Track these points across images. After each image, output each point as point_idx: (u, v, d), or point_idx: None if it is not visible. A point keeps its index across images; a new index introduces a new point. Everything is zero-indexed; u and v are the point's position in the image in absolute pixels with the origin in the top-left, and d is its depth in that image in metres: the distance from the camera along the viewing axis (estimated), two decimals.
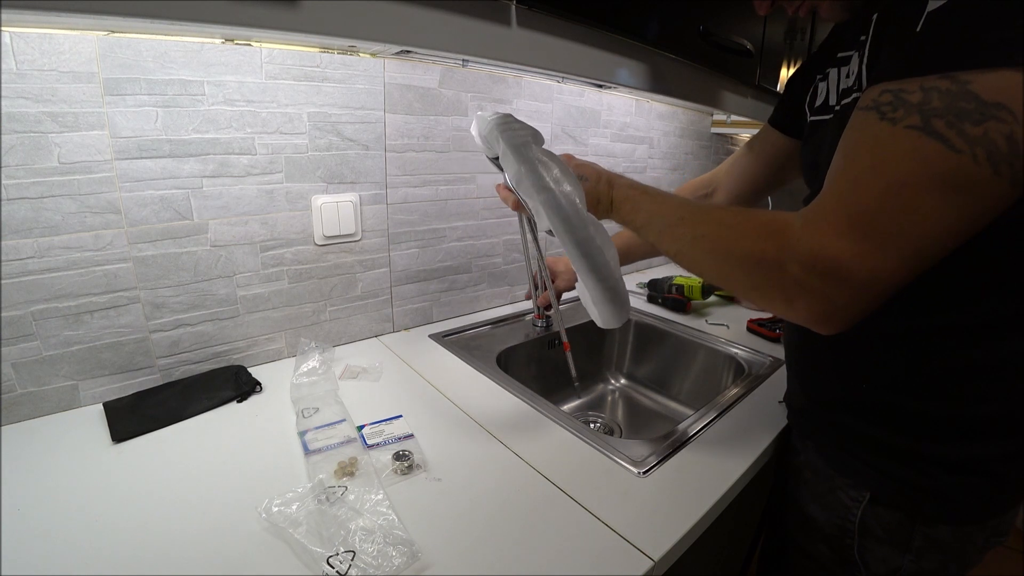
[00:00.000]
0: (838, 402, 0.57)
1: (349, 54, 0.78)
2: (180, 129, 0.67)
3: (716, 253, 0.45)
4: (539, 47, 0.62)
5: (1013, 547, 1.59)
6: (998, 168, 0.32)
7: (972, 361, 0.47)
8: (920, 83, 0.33)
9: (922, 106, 0.33)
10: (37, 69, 0.56)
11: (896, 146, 0.34)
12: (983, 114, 0.31)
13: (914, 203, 0.34)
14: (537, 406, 0.74)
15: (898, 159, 0.34)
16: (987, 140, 0.31)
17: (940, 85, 0.32)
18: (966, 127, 0.31)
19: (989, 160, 0.32)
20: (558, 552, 0.48)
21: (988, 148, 0.31)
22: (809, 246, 0.37)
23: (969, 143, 0.32)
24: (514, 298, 1.20)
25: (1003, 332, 0.45)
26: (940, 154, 0.32)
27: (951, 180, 0.33)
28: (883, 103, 0.35)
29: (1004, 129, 0.31)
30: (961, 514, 0.51)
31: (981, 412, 0.48)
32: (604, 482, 0.59)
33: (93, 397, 0.68)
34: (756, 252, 0.41)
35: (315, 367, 0.77)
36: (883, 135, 0.35)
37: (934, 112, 0.32)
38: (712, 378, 1.02)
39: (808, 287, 0.38)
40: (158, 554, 0.46)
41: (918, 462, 0.51)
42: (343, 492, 0.53)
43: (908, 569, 0.54)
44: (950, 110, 0.32)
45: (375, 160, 0.86)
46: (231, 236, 0.74)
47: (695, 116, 1.58)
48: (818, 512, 0.60)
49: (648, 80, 0.79)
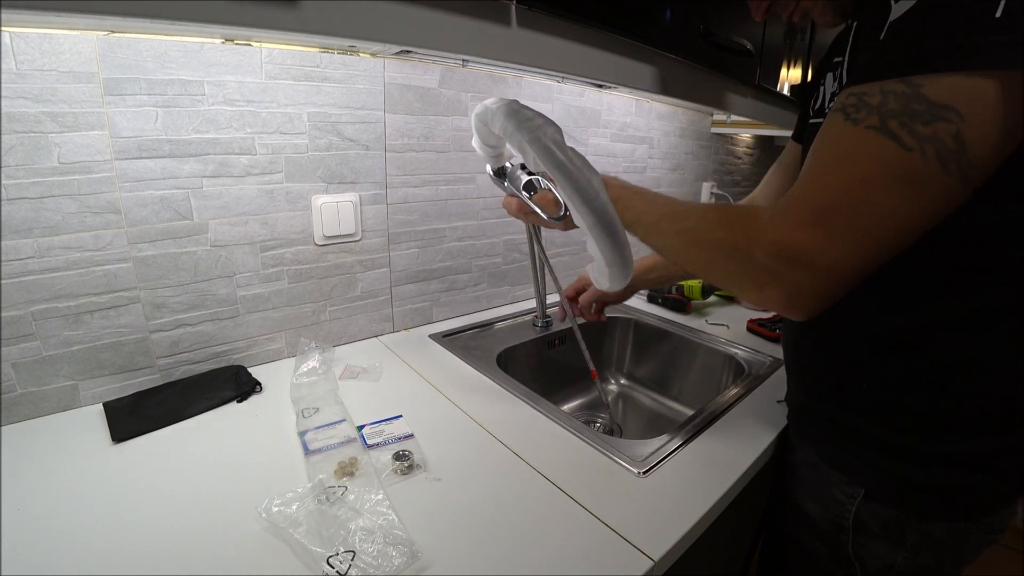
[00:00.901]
0: (833, 398, 0.57)
1: (349, 54, 0.79)
2: (180, 129, 0.67)
3: (695, 244, 0.48)
4: (539, 47, 0.62)
5: (1013, 547, 1.59)
6: (946, 165, 0.34)
7: (962, 357, 0.47)
8: (880, 87, 0.36)
9: (880, 108, 0.36)
10: (37, 69, 0.56)
11: (856, 144, 0.37)
12: (933, 115, 0.34)
13: (871, 196, 0.37)
14: (537, 406, 0.74)
15: (858, 156, 0.37)
16: (936, 139, 0.34)
17: (896, 88, 0.35)
18: (917, 127, 0.34)
19: (937, 157, 0.34)
20: (558, 552, 0.49)
21: (937, 146, 0.34)
22: (774, 235, 0.40)
23: (919, 141, 0.34)
24: (514, 298, 1.20)
25: (993, 327, 0.45)
26: (894, 152, 0.35)
27: (903, 176, 0.35)
28: (848, 105, 0.38)
29: (951, 129, 0.34)
30: (956, 511, 0.52)
31: (973, 407, 0.48)
32: (604, 482, 0.59)
33: (93, 397, 0.68)
34: (729, 241, 0.44)
35: (315, 367, 0.77)
36: (846, 134, 0.38)
37: (890, 113, 0.35)
38: (712, 378, 1.02)
39: (775, 274, 0.41)
40: (158, 554, 0.46)
41: (912, 458, 0.51)
42: (343, 492, 0.53)
43: (903, 565, 0.54)
44: (904, 111, 0.35)
45: (375, 160, 0.86)
46: (231, 236, 0.74)
47: (695, 116, 1.58)
48: (814, 509, 0.61)
49: (648, 80, 0.79)
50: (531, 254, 0.81)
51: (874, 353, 0.52)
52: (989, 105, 0.33)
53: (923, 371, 0.49)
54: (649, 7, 0.74)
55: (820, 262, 0.39)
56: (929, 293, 0.47)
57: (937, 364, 0.48)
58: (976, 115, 0.33)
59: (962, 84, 0.33)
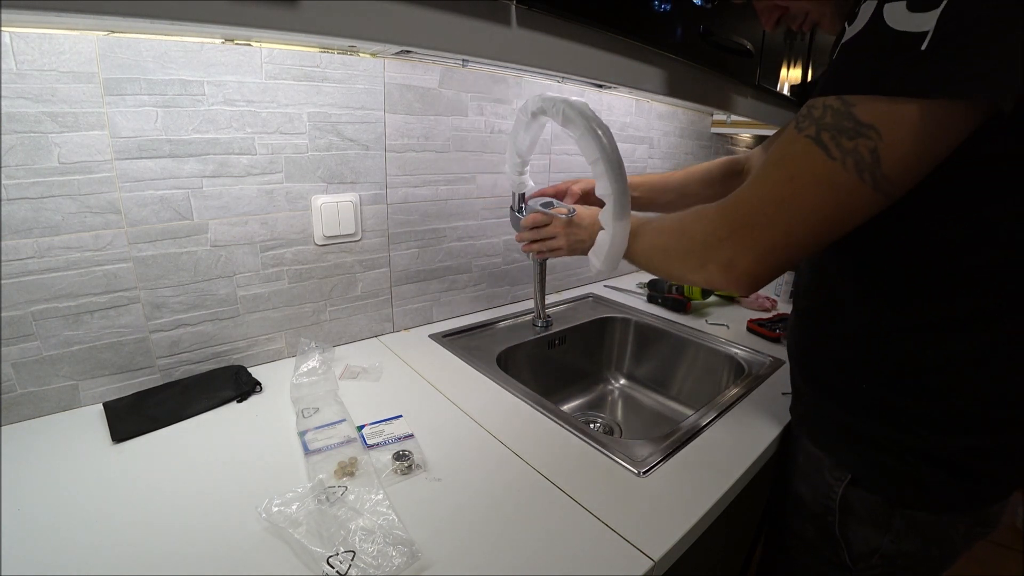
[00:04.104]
0: (825, 389, 0.60)
1: (349, 54, 0.79)
2: (180, 129, 0.67)
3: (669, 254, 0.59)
4: (539, 47, 0.62)
5: (1013, 547, 1.59)
6: (862, 175, 0.40)
7: (938, 358, 0.49)
8: (823, 101, 0.41)
9: (819, 120, 0.41)
10: (37, 69, 0.56)
11: (795, 150, 0.43)
12: (857, 132, 0.39)
13: (798, 193, 0.43)
14: (537, 406, 0.74)
15: (794, 159, 0.43)
16: (856, 152, 0.39)
17: (834, 105, 0.40)
18: (843, 141, 0.40)
19: (856, 168, 0.40)
20: (558, 552, 0.49)
21: (856, 158, 0.40)
22: (712, 229, 0.50)
23: (843, 153, 0.40)
24: (514, 298, 1.20)
25: (967, 331, 0.48)
26: (820, 159, 0.41)
27: (826, 180, 0.41)
28: (800, 115, 0.44)
29: (871, 144, 0.39)
30: (938, 503, 0.54)
31: (947, 407, 0.50)
32: (604, 482, 0.59)
33: (93, 397, 0.68)
34: (681, 247, 0.55)
35: (315, 367, 0.77)
36: (790, 140, 0.44)
37: (824, 126, 0.41)
38: (712, 378, 1.02)
39: (711, 269, 0.51)
40: (158, 554, 0.46)
41: (892, 449, 0.54)
42: (343, 492, 0.53)
43: (888, 549, 0.56)
44: (835, 126, 0.40)
45: (375, 160, 0.86)
46: (231, 236, 0.74)
47: (695, 116, 1.58)
48: (805, 491, 0.64)
49: (648, 80, 0.79)
50: (535, 283, 0.95)
51: (859, 350, 0.55)
52: (906, 127, 0.38)
53: (903, 370, 0.52)
54: (649, 7, 0.74)
55: (736, 268, 0.49)
56: (908, 298, 0.50)
57: (915, 364, 0.51)
58: (894, 135, 0.38)
59: (885, 107, 0.38)
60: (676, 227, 0.58)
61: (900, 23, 0.36)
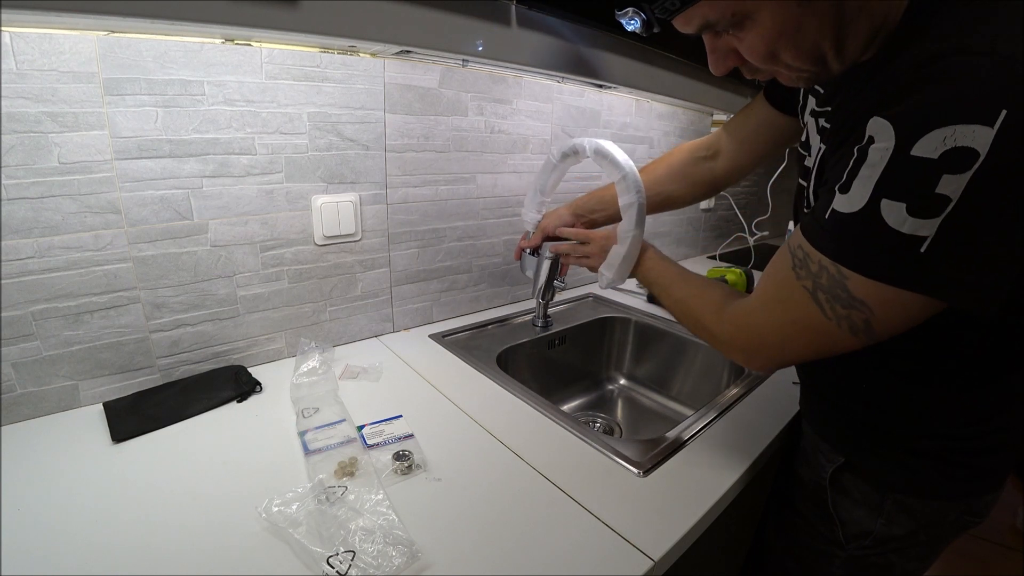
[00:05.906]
0: (823, 380, 0.63)
1: (349, 54, 0.78)
2: (180, 129, 0.67)
3: (682, 311, 0.63)
4: (539, 47, 0.62)
5: (1013, 547, 1.59)
6: (856, 335, 0.44)
7: (921, 368, 0.53)
8: (820, 259, 0.44)
9: (815, 277, 0.45)
10: (37, 69, 0.56)
11: (793, 296, 0.47)
12: (850, 304, 0.43)
13: (796, 334, 0.49)
14: (537, 406, 0.74)
15: (793, 305, 0.47)
16: (849, 319, 0.44)
17: (830, 269, 0.43)
18: (837, 307, 0.44)
19: (850, 330, 0.44)
20: (558, 552, 0.49)
21: (850, 323, 0.44)
22: (724, 339, 0.56)
23: (837, 317, 0.44)
24: (514, 298, 1.20)
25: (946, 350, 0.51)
26: (817, 315, 0.45)
27: (822, 332, 0.46)
28: (796, 256, 0.47)
29: (863, 316, 0.43)
30: (925, 491, 0.57)
31: (930, 408, 0.54)
32: (604, 482, 0.59)
33: (93, 397, 0.68)
34: (701, 321, 0.59)
35: (315, 367, 0.77)
36: (788, 283, 0.47)
37: (820, 287, 0.44)
38: (712, 378, 1.02)
39: (729, 352, 0.56)
40: (158, 554, 0.46)
41: (881, 438, 0.57)
42: (343, 492, 0.53)
43: (880, 532, 0.59)
44: (830, 291, 0.44)
45: (375, 160, 0.86)
46: (231, 236, 0.74)
47: (695, 116, 1.58)
48: (804, 471, 0.68)
49: (648, 80, 0.79)
50: (535, 280, 0.95)
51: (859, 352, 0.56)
52: (898, 309, 0.41)
53: (893, 372, 0.55)
54: None
55: (750, 366, 0.55)
56: None
57: (902, 370, 0.54)
58: (884, 312, 0.42)
59: (878, 289, 0.41)
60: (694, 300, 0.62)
61: (899, 224, 0.38)
